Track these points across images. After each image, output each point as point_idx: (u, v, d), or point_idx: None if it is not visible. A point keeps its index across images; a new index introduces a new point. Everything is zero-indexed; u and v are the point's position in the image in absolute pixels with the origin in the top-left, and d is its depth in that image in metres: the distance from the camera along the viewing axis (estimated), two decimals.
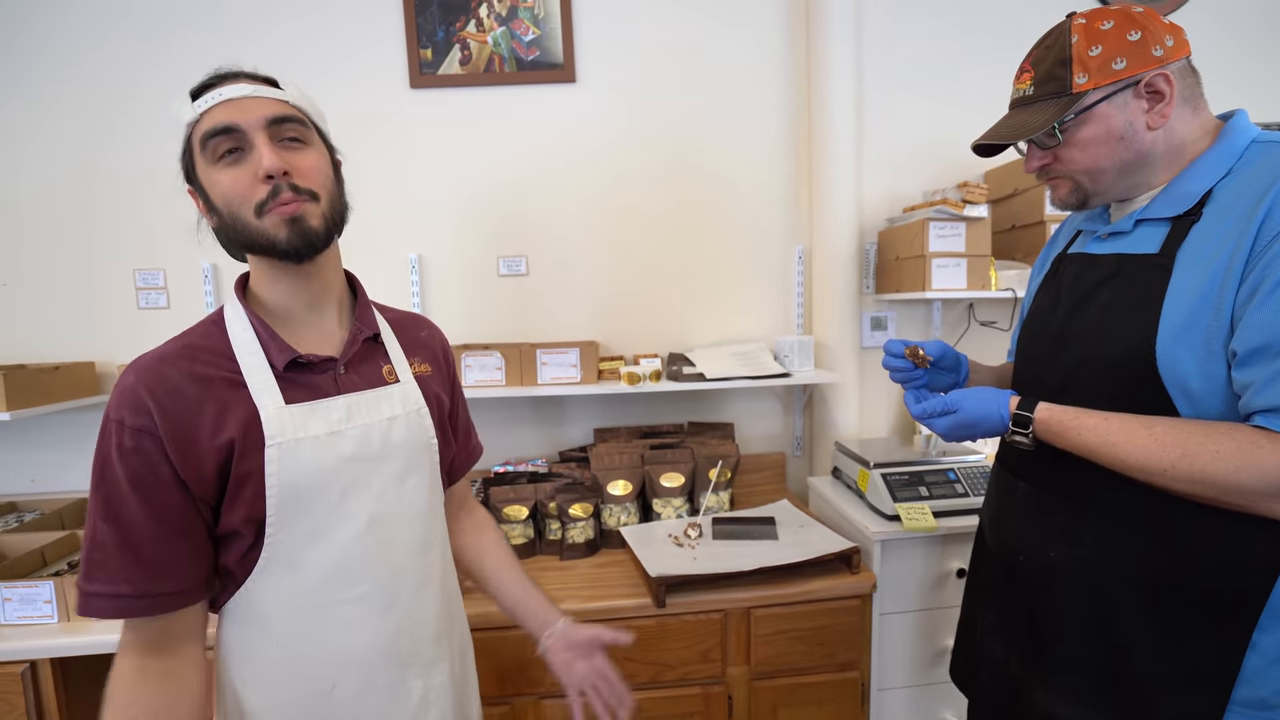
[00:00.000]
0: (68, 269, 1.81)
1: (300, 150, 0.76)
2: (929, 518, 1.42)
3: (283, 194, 0.72)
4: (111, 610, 0.70)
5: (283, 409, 0.75)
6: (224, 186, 0.73)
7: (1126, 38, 0.79)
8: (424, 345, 0.96)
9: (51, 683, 1.26)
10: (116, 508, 0.69)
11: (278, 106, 0.75)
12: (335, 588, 0.78)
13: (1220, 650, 0.76)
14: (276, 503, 0.74)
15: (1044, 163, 0.89)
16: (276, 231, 0.73)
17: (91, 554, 0.70)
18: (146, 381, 0.71)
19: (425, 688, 0.86)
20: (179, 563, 0.72)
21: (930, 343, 1.05)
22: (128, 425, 0.69)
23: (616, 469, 1.67)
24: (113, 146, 1.79)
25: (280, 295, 0.80)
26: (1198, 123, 0.82)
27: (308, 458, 0.75)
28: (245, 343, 0.77)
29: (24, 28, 1.75)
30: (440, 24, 1.82)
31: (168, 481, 0.71)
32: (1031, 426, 0.86)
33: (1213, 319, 0.73)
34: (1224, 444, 0.71)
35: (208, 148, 0.73)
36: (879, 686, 1.46)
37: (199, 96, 0.74)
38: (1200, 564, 0.77)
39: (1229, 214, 0.75)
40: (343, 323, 0.85)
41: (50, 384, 1.64)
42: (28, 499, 1.80)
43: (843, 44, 1.81)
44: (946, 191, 1.75)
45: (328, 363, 0.80)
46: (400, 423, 0.84)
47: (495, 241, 1.91)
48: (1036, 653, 0.93)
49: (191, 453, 0.71)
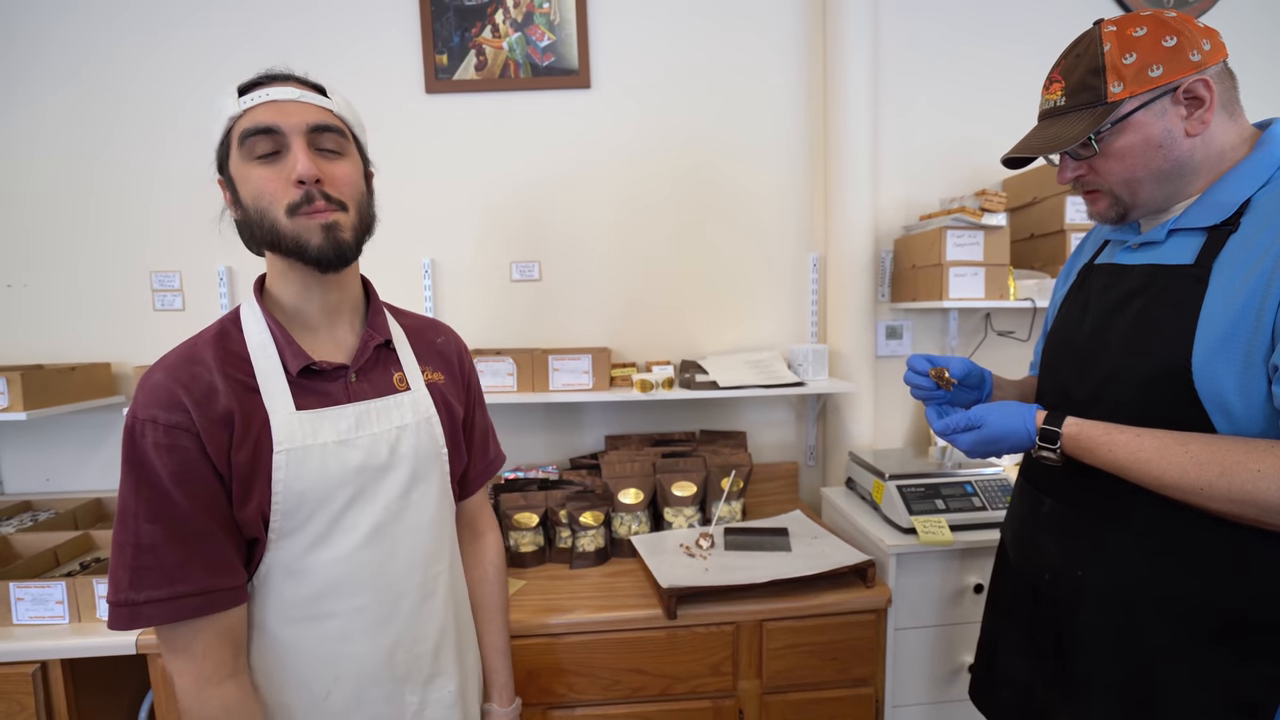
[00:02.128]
0: (84, 271, 1.83)
1: (335, 160, 0.76)
2: (946, 531, 1.39)
3: (316, 201, 0.73)
4: (171, 614, 0.68)
5: (293, 415, 0.75)
6: (256, 184, 0.73)
7: (1162, 44, 0.77)
8: (439, 352, 0.94)
9: (62, 684, 1.26)
10: (163, 507, 0.69)
11: (321, 114, 0.76)
12: (333, 598, 0.77)
13: (1260, 677, 0.73)
14: (281, 509, 0.74)
15: (1079, 174, 0.87)
16: (310, 236, 0.73)
17: (138, 559, 0.68)
18: (180, 379, 0.71)
19: (421, 703, 0.85)
20: (228, 557, 0.72)
21: (954, 360, 1.02)
22: (161, 423, 0.69)
23: (628, 477, 1.65)
24: (129, 148, 1.81)
25: (298, 299, 0.80)
26: (1235, 129, 0.80)
27: (315, 465, 0.75)
28: (260, 346, 0.77)
29: (38, 28, 1.77)
30: (456, 30, 1.83)
31: (209, 476, 0.71)
32: (1059, 442, 0.83)
33: (1253, 332, 0.71)
34: (1266, 462, 0.68)
35: (245, 144, 0.73)
36: (894, 703, 1.43)
37: (246, 93, 0.74)
38: (1239, 587, 0.74)
39: (1269, 224, 0.73)
40: (355, 329, 0.85)
41: (66, 384, 1.65)
42: (43, 498, 1.81)
43: (859, 50, 1.79)
44: (964, 199, 1.73)
45: (339, 370, 0.80)
46: (409, 431, 0.83)
47: (508, 246, 1.91)
48: (1063, 674, 0.90)
49: (223, 449, 0.71)
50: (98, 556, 1.52)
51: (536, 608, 1.33)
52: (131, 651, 1.23)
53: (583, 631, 1.31)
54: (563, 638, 1.31)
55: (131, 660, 1.27)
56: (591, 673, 1.32)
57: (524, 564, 1.56)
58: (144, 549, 0.68)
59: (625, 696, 1.34)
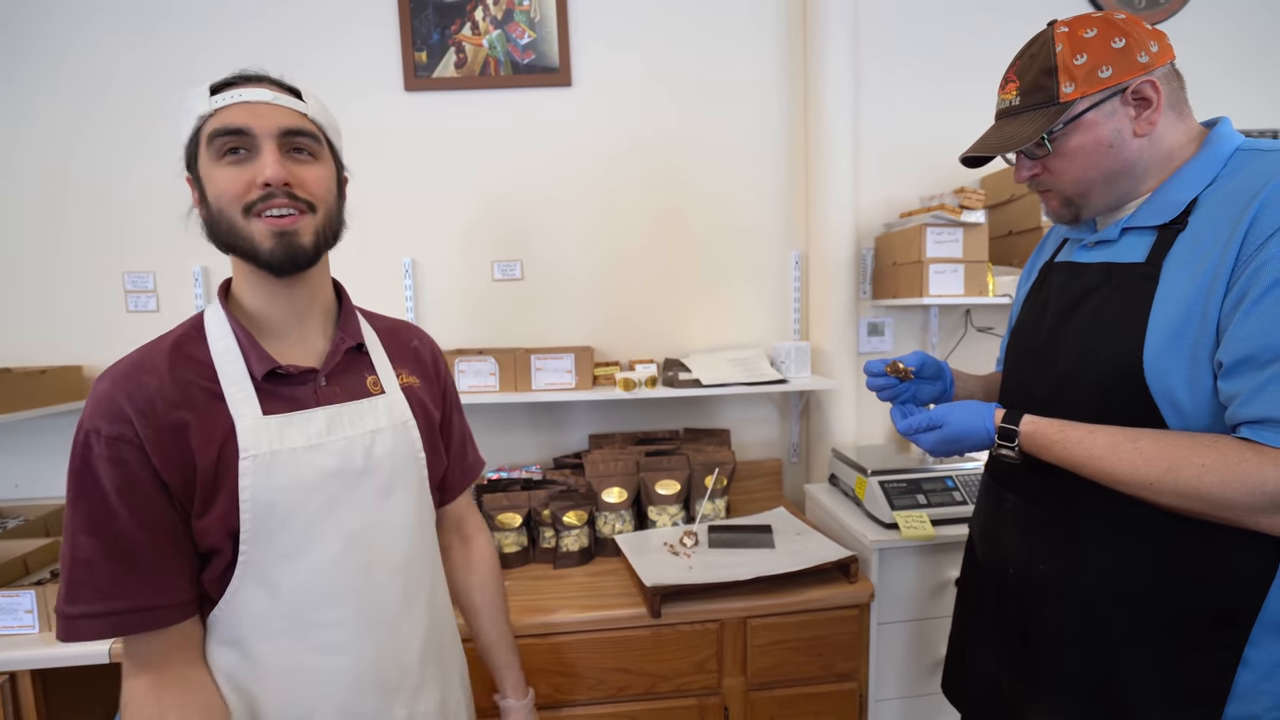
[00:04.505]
0: (55, 271, 1.79)
1: (307, 163, 0.75)
2: (927, 526, 1.40)
3: (275, 199, 0.71)
4: (102, 630, 0.66)
5: (260, 420, 0.73)
6: (220, 184, 0.71)
7: (1111, 45, 0.79)
8: (414, 355, 0.93)
9: (32, 695, 1.22)
10: (102, 520, 0.66)
11: (294, 118, 0.74)
12: (312, 609, 0.75)
13: (1212, 666, 0.75)
14: (251, 518, 0.71)
15: (1033, 173, 0.89)
16: (262, 240, 0.71)
17: (73, 573, 0.66)
18: (125, 388, 0.69)
19: (410, 714, 0.82)
20: (172, 573, 0.70)
21: (909, 356, 1.05)
22: (104, 434, 0.67)
23: (611, 476, 1.65)
24: (100, 148, 1.77)
25: (263, 303, 0.78)
26: (1183, 129, 0.82)
27: (285, 472, 0.72)
28: (224, 350, 0.75)
29: (8, 29, 1.73)
30: (435, 27, 1.81)
31: (153, 490, 0.68)
32: (1017, 440, 0.85)
33: (1199, 329, 0.73)
34: (1209, 457, 0.70)
35: (215, 143, 0.71)
36: (877, 697, 1.44)
37: (218, 91, 0.73)
38: (1190, 579, 0.76)
39: (1214, 223, 0.75)
40: (327, 333, 0.83)
41: (37, 388, 1.61)
42: (11, 505, 1.77)
43: (839, 49, 1.80)
44: (944, 197, 1.74)
45: (308, 374, 0.78)
46: (385, 435, 0.81)
47: (490, 245, 1.89)
48: (1027, 668, 0.92)
49: (173, 460, 0.69)
50: None
51: (521, 608, 1.32)
52: (104, 661, 1.20)
53: (567, 631, 1.30)
54: (547, 638, 1.30)
55: (104, 670, 1.24)
56: (576, 673, 1.32)
57: (508, 564, 1.55)
58: (79, 563, 0.66)
59: (610, 696, 1.33)
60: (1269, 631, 0.73)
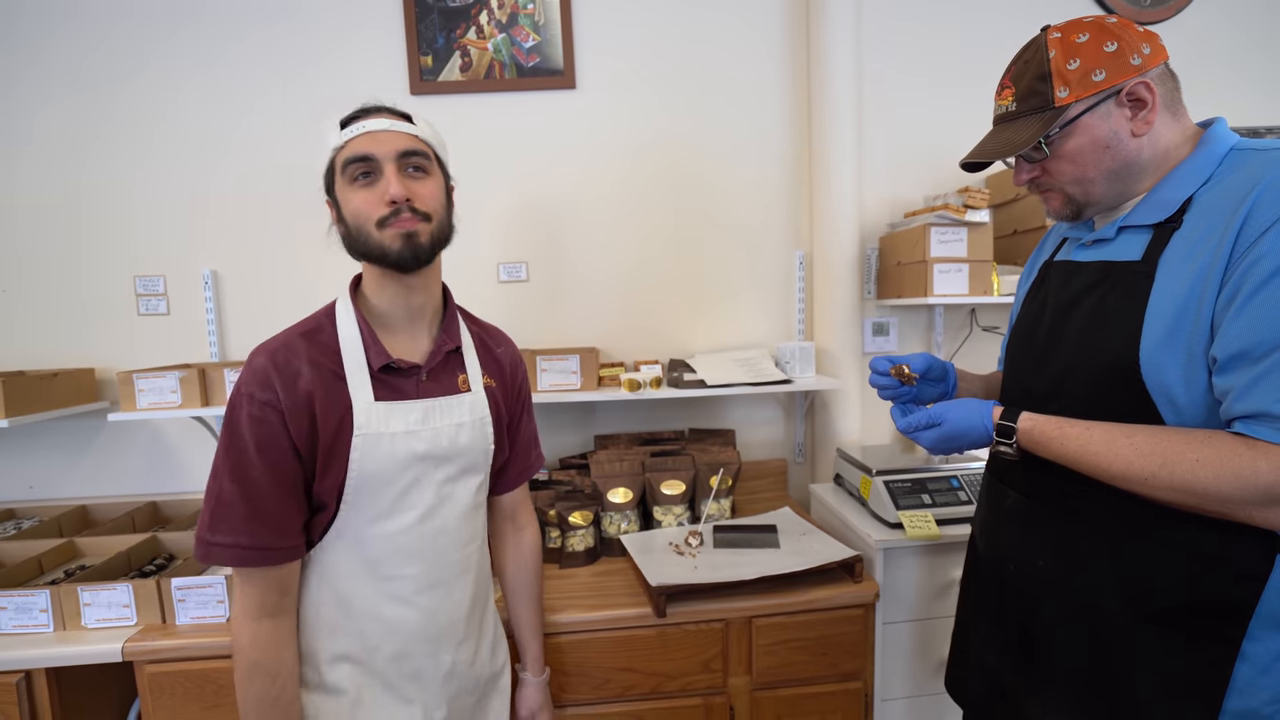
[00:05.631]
0: (67, 275, 1.81)
1: (421, 179, 0.89)
2: (932, 525, 1.40)
3: (403, 214, 0.85)
4: (232, 558, 0.81)
5: (372, 405, 0.88)
6: (355, 204, 0.86)
7: (1103, 49, 0.80)
8: (496, 360, 1.07)
9: (47, 693, 1.24)
10: (244, 469, 0.82)
11: (408, 140, 0.88)
12: (391, 564, 0.90)
13: (1210, 660, 0.75)
14: (354, 485, 0.86)
15: (1033, 175, 0.90)
16: (392, 243, 0.85)
17: (217, 508, 0.82)
18: (275, 362, 0.84)
19: (454, 661, 0.97)
20: (291, 520, 0.85)
21: (915, 357, 1.06)
22: (257, 399, 0.82)
23: (617, 476, 1.66)
24: (114, 152, 1.79)
25: (386, 301, 0.92)
26: (1179, 129, 0.83)
27: (385, 450, 0.87)
28: (350, 340, 0.89)
29: (19, 33, 1.75)
30: (441, 31, 1.83)
31: (287, 449, 0.83)
32: (1015, 437, 0.86)
33: (1194, 326, 0.73)
34: (1203, 452, 0.71)
35: (347, 170, 0.86)
36: (882, 697, 1.44)
37: (346, 125, 0.88)
38: (1187, 574, 0.76)
39: (1209, 221, 0.75)
40: (432, 333, 0.97)
41: (49, 391, 1.63)
42: (26, 506, 1.80)
43: (843, 49, 1.80)
44: (948, 196, 1.74)
45: (414, 369, 0.93)
46: (467, 429, 0.96)
47: (495, 247, 1.91)
48: (1028, 663, 0.93)
49: (305, 427, 0.84)
50: (82, 564, 1.50)
51: None
52: (118, 659, 1.22)
53: (573, 631, 1.31)
54: (553, 637, 1.31)
55: (118, 668, 1.26)
56: (582, 672, 1.32)
57: None
58: (224, 501, 0.81)
59: (616, 695, 1.34)
60: (1266, 625, 0.73)
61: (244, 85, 1.81)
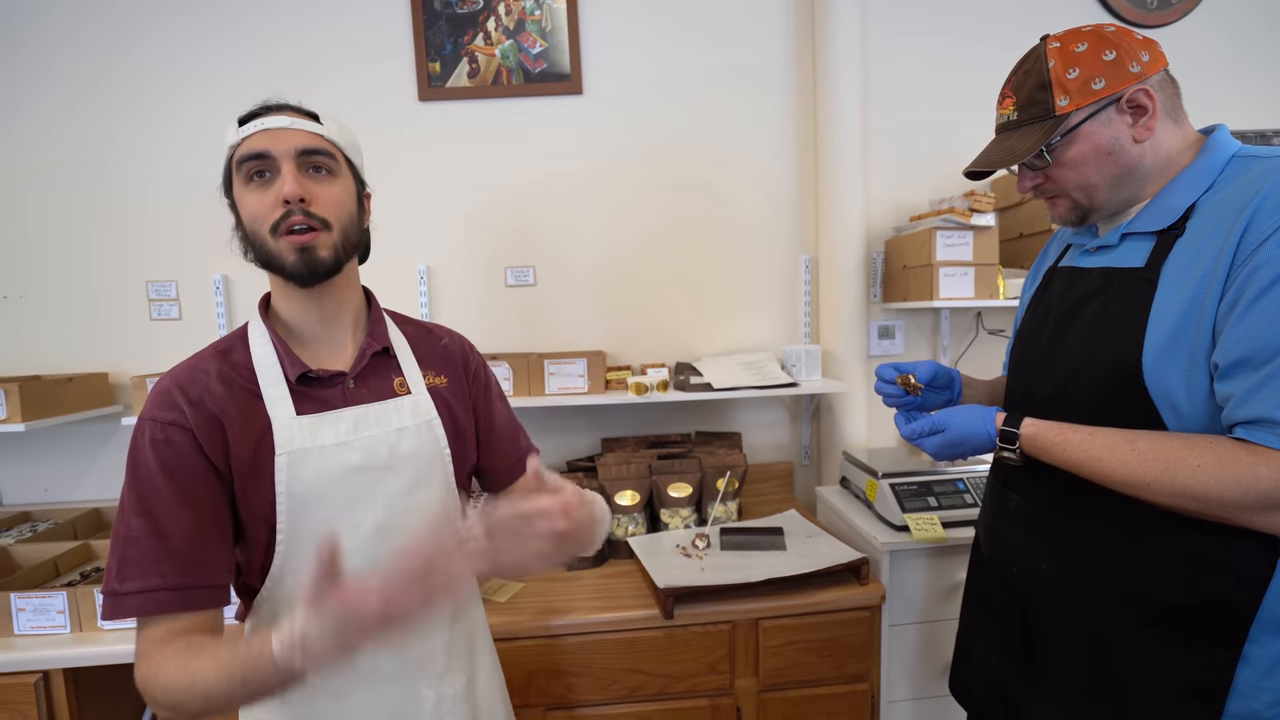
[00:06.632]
0: (80, 281, 1.84)
1: (324, 181, 0.80)
2: (938, 528, 1.41)
3: (294, 217, 0.76)
4: (146, 606, 0.69)
5: (293, 420, 0.79)
6: (250, 206, 0.78)
7: (1102, 58, 0.81)
8: (442, 355, 0.96)
9: (64, 693, 1.26)
10: (150, 501, 0.72)
11: (310, 139, 0.80)
12: None
13: (1212, 664, 0.76)
14: (286, 508, 0.77)
15: (1036, 183, 0.90)
16: (286, 255, 0.78)
17: (125, 551, 0.70)
18: (179, 382, 0.77)
19: (438, 697, 0.87)
20: (210, 556, 0.74)
21: (920, 365, 1.06)
22: (159, 420, 0.74)
23: (624, 479, 1.67)
24: (126, 158, 1.82)
25: (295, 313, 0.84)
26: (1180, 135, 0.84)
27: (314, 467, 0.79)
28: (263, 356, 0.82)
29: (29, 38, 1.78)
30: (448, 37, 1.84)
31: (199, 470, 0.74)
32: (1018, 442, 0.87)
33: (1196, 332, 0.74)
34: (1205, 457, 0.72)
35: (242, 169, 0.79)
36: (889, 699, 1.45)
37: (245, 123, 0.80)
38: (1188, 578, 0.77)
39: (1211, 228, 0.76)
40: (357, 338, 0.88)
41: (64, 395, 1.66)
42: (41, 509, 1.82)
43: (848, 54, 1.81)
44: (954, 200, 1.75)
45: (337, 377, 0.84)
46: (409, 434, 0.86)
47: (503, 252, 1.92)
48: (1030, 665, 0.93)
49: (220, 444, 0.75)
50: (98, 566, 1.52)
51: (535, 609, 1.35)
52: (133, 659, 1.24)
53: (581, 632, 1.32)
54: (561, 639, 1.32)
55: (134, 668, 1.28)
56: (590, 673, 1.34)
57: None
58: (131, 541, 0.71)
59: (624, 696, 1.35)
60: (1268, 629, 0.74)
61: (255, 94, 1.83)
